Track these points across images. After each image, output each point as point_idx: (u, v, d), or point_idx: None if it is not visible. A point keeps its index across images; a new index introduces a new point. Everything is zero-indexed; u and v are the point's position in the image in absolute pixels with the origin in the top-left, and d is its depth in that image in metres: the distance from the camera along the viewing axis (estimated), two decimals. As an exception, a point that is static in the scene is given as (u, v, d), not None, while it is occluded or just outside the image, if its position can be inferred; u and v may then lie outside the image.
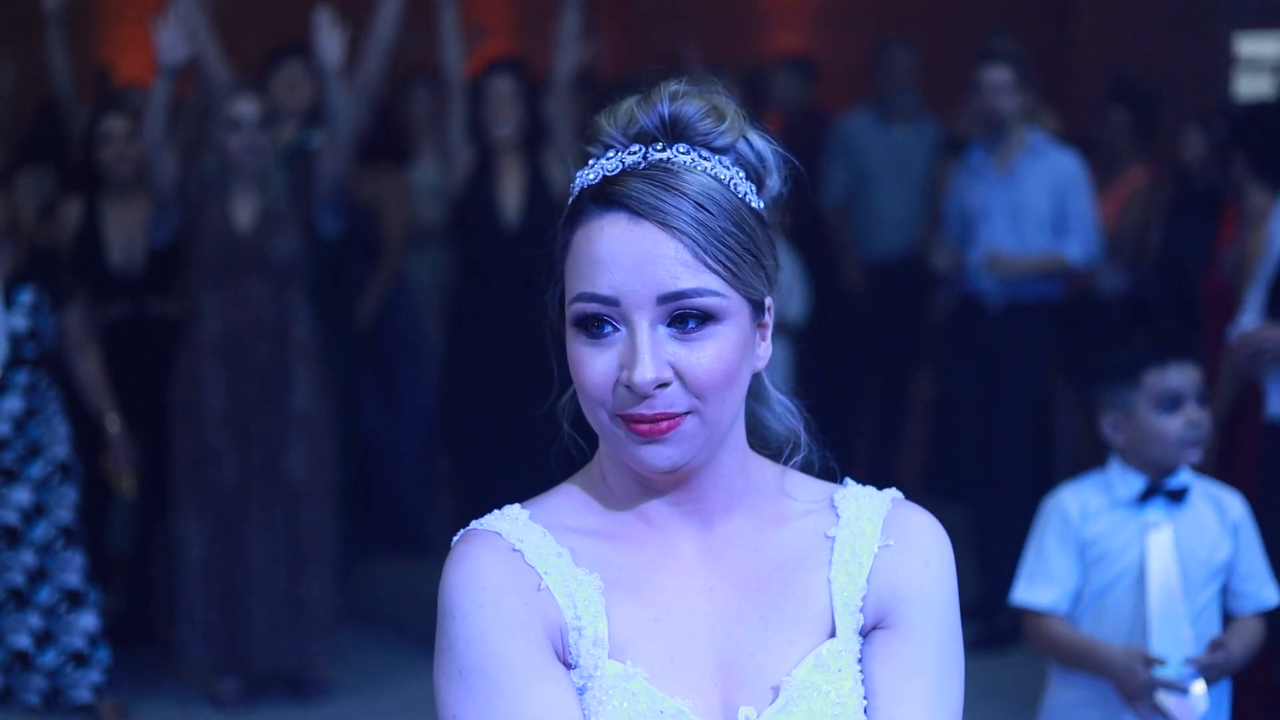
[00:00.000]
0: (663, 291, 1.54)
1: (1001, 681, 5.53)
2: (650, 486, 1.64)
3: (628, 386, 1.54)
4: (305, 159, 5.82)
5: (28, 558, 5.12)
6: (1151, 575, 3.28)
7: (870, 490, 1.72)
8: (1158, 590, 3.28)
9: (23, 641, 5.16)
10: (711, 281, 1.55)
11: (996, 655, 5.83)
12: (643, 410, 1.54)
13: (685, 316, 1.55)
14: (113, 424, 5.30)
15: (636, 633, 1.59)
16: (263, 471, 5.33)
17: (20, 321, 5.06)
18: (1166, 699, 3.20)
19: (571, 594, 1.58)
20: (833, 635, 1.61)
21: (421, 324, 7.26)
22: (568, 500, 1.69)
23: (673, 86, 1.63)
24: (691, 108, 1.61)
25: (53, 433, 5.15)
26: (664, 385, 1.54)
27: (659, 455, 1.56)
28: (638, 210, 1.55)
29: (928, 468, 8.09)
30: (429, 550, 6.89)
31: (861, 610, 1.62)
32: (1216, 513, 3.41)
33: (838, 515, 1.68)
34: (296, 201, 5.47)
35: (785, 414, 1.76)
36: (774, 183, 1.68)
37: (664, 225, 1.54)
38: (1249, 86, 9.47)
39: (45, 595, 5.15)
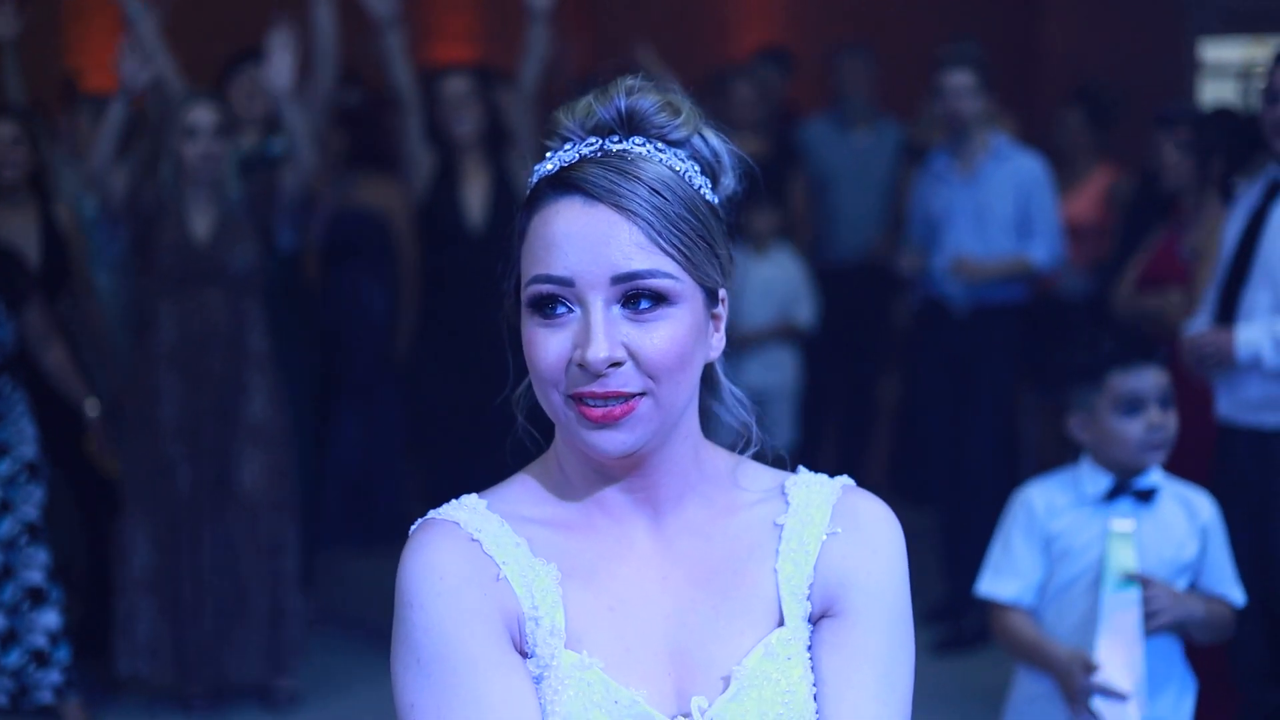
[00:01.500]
0: (617, 272, 1.56)
1: (970, 682, 5.55)
2: (604, 473, 1.65)
3: (581, 365, 1.55)
4: (269, 166, 5.82)
5: None
6: (1107, 572, 3.30)
7: (821, 478, 1.73)
8: (1111, 587, 3.30)
9: None
10: (665, 264, 1.57)
11: (965, 656, 5.86)
12: (595, 389, 1.55)
13: (638, 297, 1.57)
14: (92, 408, 5.28)
15: (592, 622, 1.60)
16: (215, 482, 5.31)
17: None
18: (1101, 705, 3.22)
19: (529, 584, 1.59)
20: (781, 624, 1.62)
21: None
22: (524, 490, 1.70)
23: (629, 82, 1.66)
24: (647, 101, 1.65)
25: (20, 434, 5.13)
26: (617, 364, 1.55)
27: (612, 440, 1.57)
28: (593, 193, 1.58)
29: (895, 471, 8.12)
30: (394, 549, 6.78)
31: (809, 598, 1.64)
32: (1186, 514, 3.43)
33: (788, 503, 1.69)
34: (254, 211, 5.45)
35: (737, 406, 1.78)
36: (729, 181, 1.71)
37: (619, 208, 1.57)
38: (1213, 92, 9.53)
39: (9, 593, 5.12)
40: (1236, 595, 3.44)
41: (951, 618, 6.09)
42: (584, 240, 1.56)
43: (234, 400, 5.32)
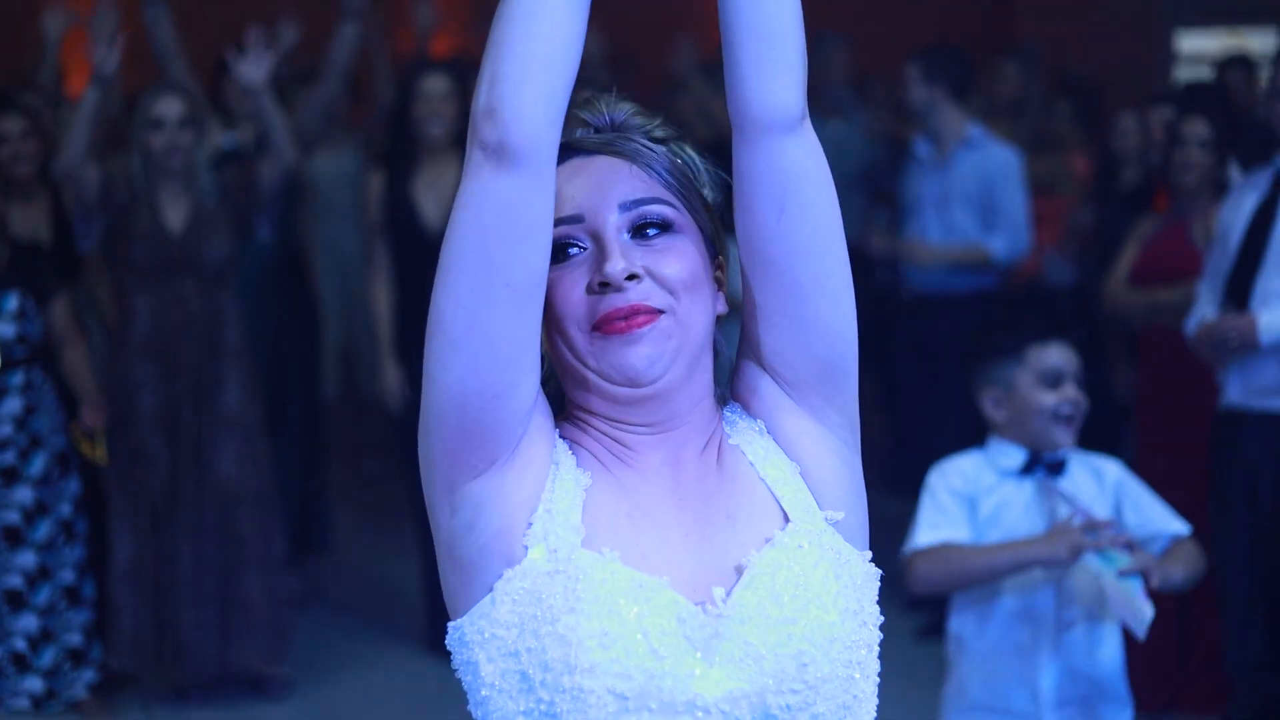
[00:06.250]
0: (623, 199, 1.64)
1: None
2: (625, 417, 1.67)
3: (602, 284, 1.60)
4: (228, 160, 5.89)
5: (29, 559, 5.11)
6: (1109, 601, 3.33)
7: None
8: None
9: (19, 644, 5.14)
10: (665, 194, 1.66)
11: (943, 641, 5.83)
12: (619, 304, 1.60)
13: (646, 226, 1.64)
14: (91, 414, 5.23)
15: (609, 526, 1.61)
16: (192, 472, 5.29)
17: (8, 328, 5.06)
18: (1115, 589, 3.23)
19: (554, 481, 1.63)
20: (788, 521, 1.65)
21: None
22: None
23: (608, 97, 1.78)
24: (628, 106, 1.78)
25: (52, 422, 5.18)
26: (634, 278, 1.60)
27: (639, 354, 1.60)
28: (591, 148, 1.69)
29: (875, 459, 8.09)
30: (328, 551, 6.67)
31: (801, 473, 1.69)
32: (1095, 479, 3.53)
33: (727, 422, 1.73)
34: (229, 203, 5.43)
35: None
36: (706, 193, 1.76)
37: (618, 154, 1.68)
38: (1189, 84, 9.55)
39: (44, 595, 5.14)
40: (1177, 525, 3.47)
41: (933, 604, 6.06)
42: (586, 182, 1.65)
43: (209, 391, 5.30)
